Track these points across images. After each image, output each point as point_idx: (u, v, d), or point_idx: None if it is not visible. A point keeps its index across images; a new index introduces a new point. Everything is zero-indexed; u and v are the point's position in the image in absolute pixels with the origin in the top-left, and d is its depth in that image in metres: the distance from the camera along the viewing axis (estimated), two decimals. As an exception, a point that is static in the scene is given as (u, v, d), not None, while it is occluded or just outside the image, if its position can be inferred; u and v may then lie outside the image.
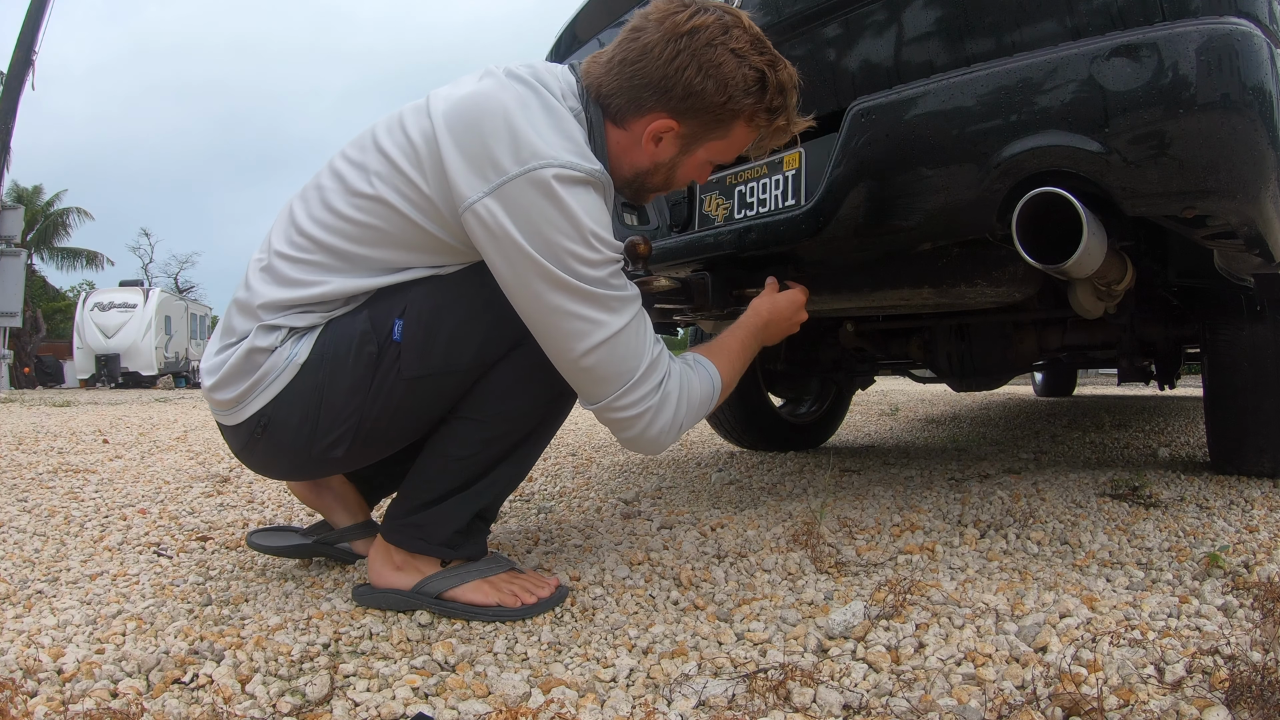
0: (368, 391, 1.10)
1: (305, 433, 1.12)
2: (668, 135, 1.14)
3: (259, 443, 1.16)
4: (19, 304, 12.08)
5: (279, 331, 1.12)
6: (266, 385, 1.12)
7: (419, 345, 1.09)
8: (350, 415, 1.11)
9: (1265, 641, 0.99)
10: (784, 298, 1.41)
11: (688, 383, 1.17)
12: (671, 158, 1.17)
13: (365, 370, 1.09)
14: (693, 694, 0.89)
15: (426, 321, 1.09)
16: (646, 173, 1.19)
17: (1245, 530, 1.55)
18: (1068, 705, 0.83)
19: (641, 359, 1.10)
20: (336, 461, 1.17)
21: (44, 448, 3.31)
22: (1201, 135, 1.06)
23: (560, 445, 3.35)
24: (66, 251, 25.53)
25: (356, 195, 1.10)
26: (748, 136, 1.19)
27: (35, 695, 0.90)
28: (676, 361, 1.19)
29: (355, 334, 1.10)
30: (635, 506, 1.95)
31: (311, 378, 1.10)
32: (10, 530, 1.77)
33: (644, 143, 1.15)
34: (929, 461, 2.62)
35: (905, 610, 1.11)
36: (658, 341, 1.15)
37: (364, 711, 0.87)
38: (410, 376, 1.10)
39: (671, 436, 1.16)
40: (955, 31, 1.30)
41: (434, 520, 1.18)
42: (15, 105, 11.27)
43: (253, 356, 1.12)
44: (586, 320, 1.05)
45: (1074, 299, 1.63)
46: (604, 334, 1.06)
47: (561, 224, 1.02)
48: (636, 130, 1.14)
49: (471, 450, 1.16)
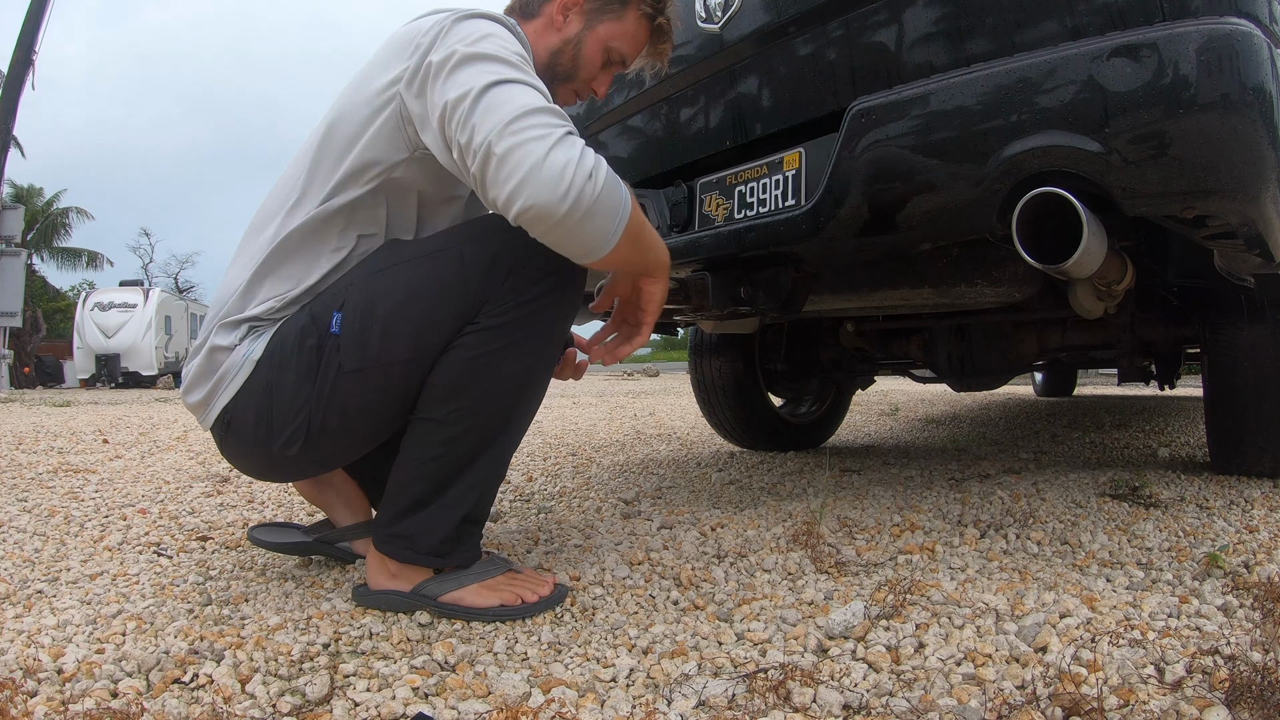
0: (313, 386, 1.12)
1: (262, 431, 1.14)
2: (573, 9, 1.28)
3: (227, 443, 1.20)
4: (19, 304, 12.08)
5: (239, 329, 1.16)
6: (226, 385, 1.15)
7: (355, 337, 1.11)
8: (299, 411, 1.12)
9: (1265, 641, 0.99)
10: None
11: (605, 163, 1.06)
12: (577, 32, 1.28)
13: (309, 365, 1.12)
14: (693, 694, 0.89)
15: (361, 314, 1.11)
16: (557, 52, 1.29)
17: (1245, 530, 1.55)
18: (1068, 705, 0.83)
19: (551, 104, 1.03)
20: (298, 460, 1.18)
21: (44, 448, 3.31)
22: (1201, 135, 1.06)
23: (560, 445, 3.35)
24: (66, 251, 25.56)
25: (312, 144, 1.19)
26: (638, 27, 1.31)
27: (35, 695, 0.90)
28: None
29: (298, 328, 1.13)
30: (635, 506, 1.95)
31: (264, 375, 1.13)
32: (10, 530, 1.77)
33: (554, 19, 1.28)
34: (929, 461, 2.62)
35: (905, 610, 1.11)
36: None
37: (364, 711, 0.87)
38: (350, 370, 1.11)
39: (568, 178, 0.97)
40: (955, 32, 1.30)
41: (420, 530, 1.17)
42: (15, 105, 11.27)
43: (214, 356, 1.16)
44: (495, 73, 1.03)
45: (1074, 299, 1.64)
46: (513, 75, 1.03)
47: (477, 31, 1.09)
48: (548, 11, 1.28)
49: (436, 451, 1.15)
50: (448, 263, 1.12)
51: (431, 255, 1.14)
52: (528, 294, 1.12)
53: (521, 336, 1.13)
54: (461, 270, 1.11)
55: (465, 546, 1.20)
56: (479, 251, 1.12)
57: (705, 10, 1.69)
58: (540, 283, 1.13)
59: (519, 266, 1.12)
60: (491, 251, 1.12)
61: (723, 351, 2.87)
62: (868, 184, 1.36)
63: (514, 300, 1.12)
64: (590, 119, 2.10)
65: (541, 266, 1.12)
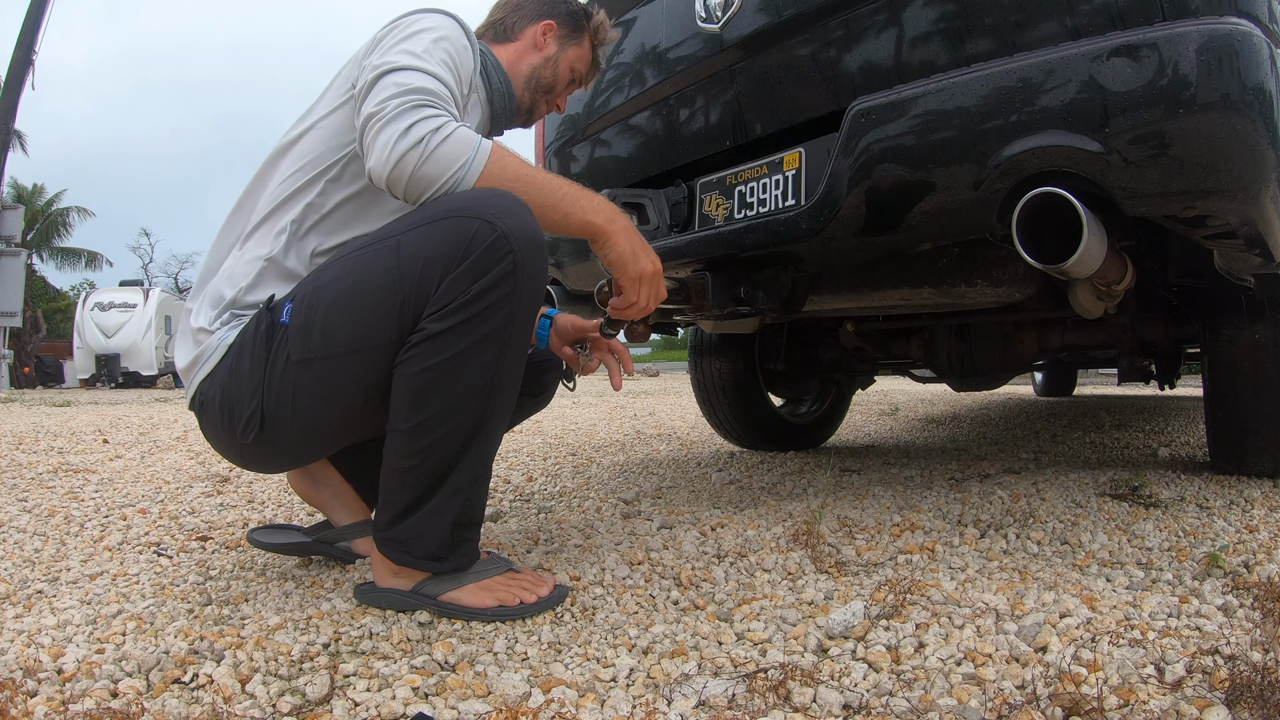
0: (264, 374, 1.15)
1: (224, 417, 1.19)
2: (550, 33, 1.46)
3: (203, 427, 1.25)
4: (19, 304, 12.06)
5: (223, 315, 1.22)
6: (202, 364, 1.21)
7: (301, 327, 1.14)
8: (252, 398, 1.16)
9: (1265, 641, 0.99)
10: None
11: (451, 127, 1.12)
12: (555, 52, 1.47)
13: (261, 353, 1.16)
14: (693, 694, 0.89)
15: (307, 304, 1.14)
16: (540, 67, 1.46)
17: (1245, 530, 1.55)
18: (1068, 705, 0.83)
19: (430, 81, 1.15)
20: (260, 451, 1.20)
21: (44, 448, 3.31)
22: (1201, 135, 1.06)
23: (560, 445, 3.35)
24: (66, 251, 25.56)
25: (285, 145, 1.27)
26: (589, 53, 1.52)
27: (35, 695, 0.90)
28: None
29: (257, 318, 1.18)
30: (635, 506, 1.95)
31: (230, 361, 1.18)
32: (10, 530, 1.77)
33: (537, 39, 1.45)
34: (929, 461, 2.62)
35: (905, 610, 1.11)
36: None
37: (364, 711, 0.87)
38: (297, 360, 1.14)
39: (390, 147, 1.08)
40: (955, 31, 1.30)
41: (413, 535, 1.16)
42: (15, 105, 11.26)
43: (197, 335, 1.23)
44: (410, 52, 1.17)
45: (1074, 299, 1.63)
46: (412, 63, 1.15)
47: (412, 28, 1.22)
48: (529, 35, 1.45)
49: (412, 461, 1.13)
50: (383, 253, 1.12)
51: (372, 246, 1.14)
52: (471, 291, 1.07)
53: (475, 340, 1.08)
54: (395, 262, 1.10)
55: (461, 551, 1.19)
56: (414, 244, 1.09)
57: (705, 10, 1.69)
58: (481, 278, 1.07)
59: (454, 264, 1.07)
60: (427, 246, 1.08)
61: (723, 351, 2.87)
62: (868, 184, 1.36)
63: (460, 300, 1.07)
64: (590, 119, 2.10)
65: (480, 260, 1.06)
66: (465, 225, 1.07)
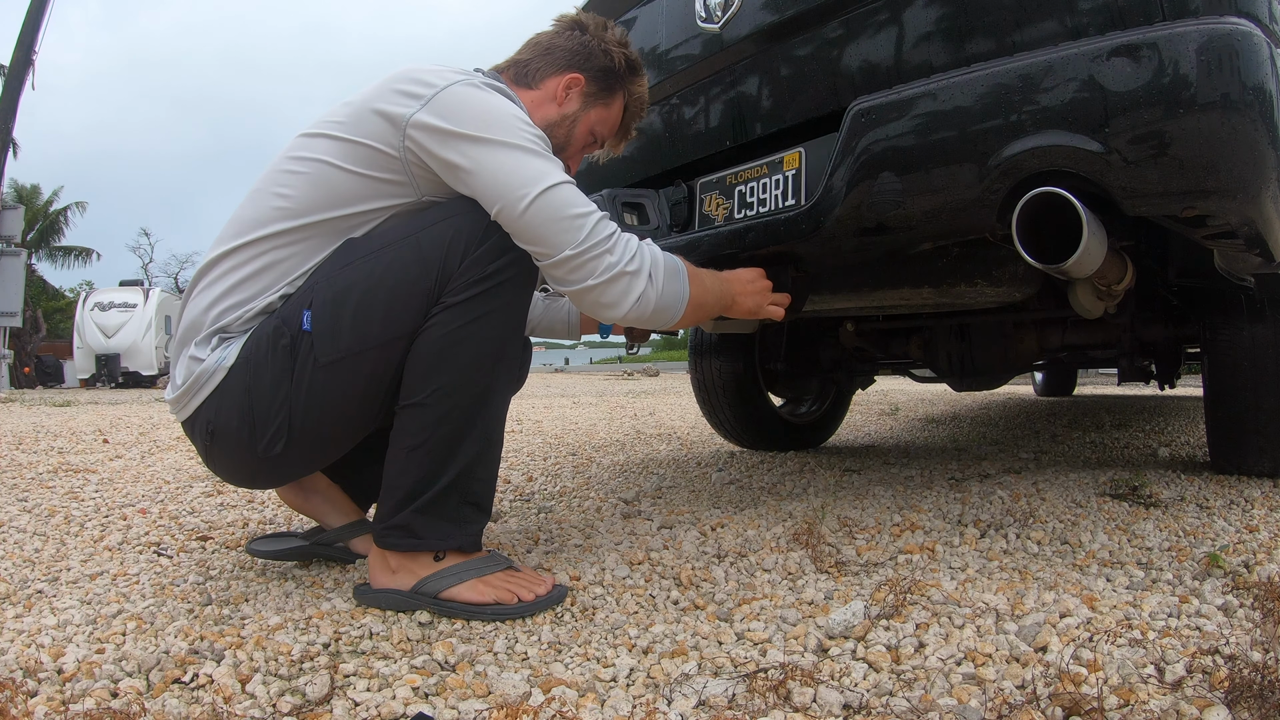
0: (290, 384, 1.15)
1: (245, 434, 1.18)
2: (575, 89, 1.37)
3: (212, 454, 1.24)
4: (19, 304, 12.06)
5: (212, 339, 1.21)
6: (200, 387, 1.20)
7: (328, 329, 1.15)
8: (279, 409, 1.16)
9: (1265, 641, 0.99)
10: (747, 271, 1.47)
11: (651, 248, 1.23)
12: (575, 111, 1.38)
13: (283, 363, 1.15)
14: (693, 693, 0.89)
15: (331, 306, 1.15)
16: (555, 125, 1.37)
17: (1245, 530, 1.55)
18: (1068, 705, 0.83)
19: (589, 205, 1.18)
20: (283, 461, 1.20)
21: (44, 447, 3.31)
22: (1201, 135, 1.06)
23: (560, 445, 3.35)
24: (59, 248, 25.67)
25: (289, 172, 1.22)
26: (619, 114, 1.44)
27: (35, 695, 0.90)
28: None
29: (269, 331, 1.17)
30: (635, 506, 1.95)
31: (240, 379, 1.17)
32: (10, 530, 1.77)
33: (557, 93, 1.36)
34: (929, 461, 2.62)
35: (905, 610, 1.11)
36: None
37: (364, 711, 0.87)
38: (326, 362, 1.15)
39: (641, 285, 1.19)
40: (955, 31, 1.30)
41: (416, 517, 1.18)
42: (15, 105, 11.26)
43: (190, 364, 1.22)
44: (533, 167, 1.15)
45: (1074, 299, 1.63)
46: (552, 179, 1.15)
47: (490, 107, 1.18)
48: (550, 86, 1.36)
49: (422, 436, 1.17)
50: (406, 249, 1.17)
51: (390, 245, 1.18)
52: (487, 269, 1.17)
53: (489, 309, 1.17)
54: (420, 254, 1.16)
55: (466, 531, 1.21)
56: (434, 235, 1.17)
57: (705, 10, 1.69)
58: (498, 259, 1.18)
59: (474, 246, 1.17)
60: (447, 235, 1.17)
61: (723, 351, 2.87)
62: (868, 183, 1.36)
63: (476, 275, 1.17)
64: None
65: (496, 245, 1.18)
66: (479, 220, 1.18)
